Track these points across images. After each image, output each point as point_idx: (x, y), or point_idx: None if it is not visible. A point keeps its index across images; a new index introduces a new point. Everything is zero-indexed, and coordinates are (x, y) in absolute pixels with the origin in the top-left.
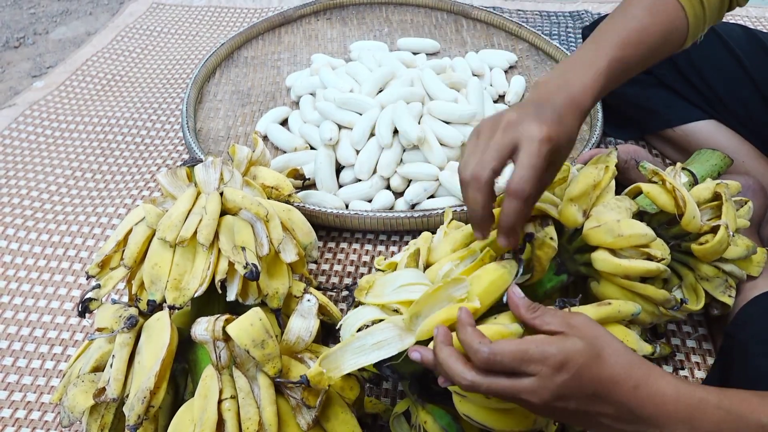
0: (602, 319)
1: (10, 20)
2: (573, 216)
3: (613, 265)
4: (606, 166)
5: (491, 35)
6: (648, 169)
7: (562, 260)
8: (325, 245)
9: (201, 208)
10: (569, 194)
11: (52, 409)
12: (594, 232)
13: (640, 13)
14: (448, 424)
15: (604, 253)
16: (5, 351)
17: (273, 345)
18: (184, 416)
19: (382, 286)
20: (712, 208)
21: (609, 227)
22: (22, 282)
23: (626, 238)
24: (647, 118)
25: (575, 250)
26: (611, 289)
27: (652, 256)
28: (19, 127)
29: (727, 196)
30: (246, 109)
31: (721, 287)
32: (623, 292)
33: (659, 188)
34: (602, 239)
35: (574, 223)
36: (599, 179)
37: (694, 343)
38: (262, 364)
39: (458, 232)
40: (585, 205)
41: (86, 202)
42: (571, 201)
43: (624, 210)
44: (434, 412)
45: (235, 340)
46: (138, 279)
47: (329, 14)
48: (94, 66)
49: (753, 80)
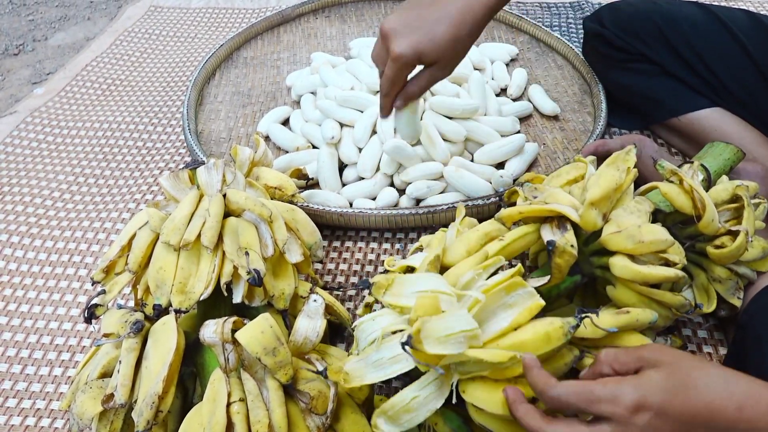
0: (620, 327)
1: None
2: (593, 221)
3: (633, 272)
4: (627, 167)
5: (491, 28)
6: (666, 169)
7: (577, 261)
8: (330, 244)
9: (204, 210)
10: (590, 198)
11: (61, 416)
12: (614, 237)
13: None
14: (458, 427)
15: (624, 260)
16: (14, 359)
17: (284, 352)
18: (193, 420)
19: (401, 285)
20: (729, 210)
21: (630, 233)
22: (28, 289)
23: (647, 244)
24: (652, 107)
25: (591, 253)
26: (627, 294)
27: (669, 261)
28: (21, 134)
29: (747, 200)
30: (247, 109)
31: (732, 289)
32: (639, 298)
33: (677, 188)
34: (623, 245)
35: (593, 228)
36: (621, 182)
37: (706, 334)
38: (274, 371)
39: (472, 232)
40: (605, 209)
41: (89, 208)
42: (591, 205)
43: (644, 214)
44: (444, 415)
45: (246, 348)
46: (143, 283)
47: (328, 12)
48: (93, 71)
49: (758, 65)
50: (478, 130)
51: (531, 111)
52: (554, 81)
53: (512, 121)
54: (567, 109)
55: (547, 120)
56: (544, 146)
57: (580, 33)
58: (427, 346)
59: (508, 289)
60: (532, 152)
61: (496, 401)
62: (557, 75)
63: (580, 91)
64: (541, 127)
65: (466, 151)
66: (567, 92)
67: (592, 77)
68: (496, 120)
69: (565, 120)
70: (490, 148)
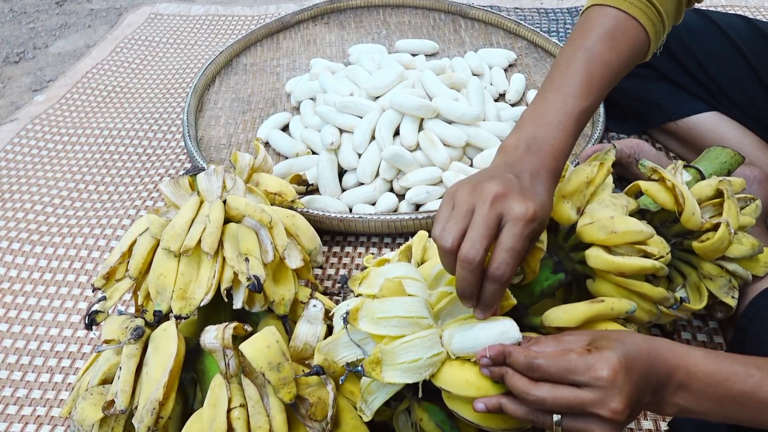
0: (595, 316)
1: (10, 35)
2: (566, 213)
3: (606, 262)
4: (601, 163)
5: (490, 34)
6: (647, 167)
7: (559, 259)
8: (329, 250)
9: (204, 216)
10: (561, 191)
11: (62, 423)
12: (587, 228)
13: (600, 46)
14: (441, 422)
15: (598, 250)
16: (14, 366)
17: (289, 368)
18: (193, 426)
19: (374, 276)
20: (714, 205)
21: (602, 224)
22: (29, 296)
23: (620, 235)
24: (650, 111)
25: (571, 248)
26: (606, 287)
27: (648, 254)
28: (22, 142)
29: (729, 193)
30: (246, 116)
31: (725, 288)
32: (619, 290)
33: (658, 186)
34: (595, 236)
35: (567, 221)
36: (592, 176)
37: (705, 337)
38: (277, 388)
39: None
40: (578, 203)
41: (90, 214)
42: (563, 198)
43: (619, 207)
44: (429, 410)
45: (251, 362)
46: (144, 290)
47: (327, 19)
48: (94, 78)
49: (755, 70)
50: (477, 135)
51: None
52: None
53: (511, 126)
54: None
55: None
56: None
57: None
58: (361, 324)
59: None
60: None
61: (463, 382)
62: None
63: None
64: None
65: (465, 157)
66: None
67: None
68: (494, 125)
69: None
70: (490, 153)
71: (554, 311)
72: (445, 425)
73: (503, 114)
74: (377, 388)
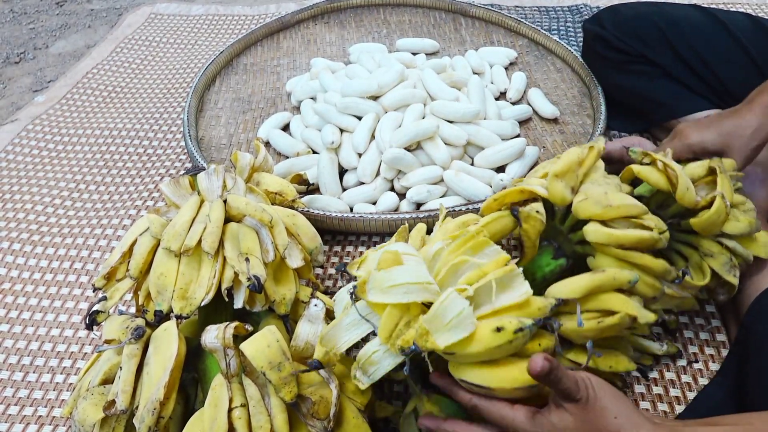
0: (597, 287)
1: (10, 36)
2: (560, 192)
3: (605, 234)
4: (590, 146)
5: (490, 32)
6: (638, 153)
7: (559, 243)
8: (330, 249)
9: (205, 216)
10: (554, 171)
11: (63, 423)
12: (582, 204)
13: None
14: (454, 413)
15: (595, 225)
16: (15, 366)
17: (290, 368)
18: (194, 426)
19: (373, 260)
20: (707, 183)
21: (596, 199)
22: (30, 297)
23: (615, 208)
24: (653, 109)
25: (569, 230)
26: (607, 261)
27: (645, 227)
28: (22, 142)
29: (721, 169)
30: (247, 115)
31: (727, 266)
32: (620, 264)
33: (650, 167)
34: (591, 211)
35: (561, 201)
36: (583, 156)
37: (708, 336)
38: (278, 388)
39: (450, 222)
40: (572, 182)
41: (91, 215)
42: (556, 177)
43: (613, 186)
44: (440, 402)
45: (252, 362)
46: (144, 290)
47: (327, 18)
48: (94, 78)
49: (759, 67)
50: (478, 133)
51: (530, 114)
52: (553, 84)
53: (512, 124)
54: (566, 112)
55: (547, 123)
56: (544, 149)
57: (579, 36)
58: (371, 296)
59: (474, 248)
60: (532, 156)
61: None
62: (556, 78)
63: (580, 94)
64: (540, 130)
65: (466, 155)
66: (566, 95)
67: (591, 80)
68: (495, 124)
69: (565, 123)
70: (491, 152)
71: (557, 285)
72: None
73: (504, 112)
74: (380, 359)
